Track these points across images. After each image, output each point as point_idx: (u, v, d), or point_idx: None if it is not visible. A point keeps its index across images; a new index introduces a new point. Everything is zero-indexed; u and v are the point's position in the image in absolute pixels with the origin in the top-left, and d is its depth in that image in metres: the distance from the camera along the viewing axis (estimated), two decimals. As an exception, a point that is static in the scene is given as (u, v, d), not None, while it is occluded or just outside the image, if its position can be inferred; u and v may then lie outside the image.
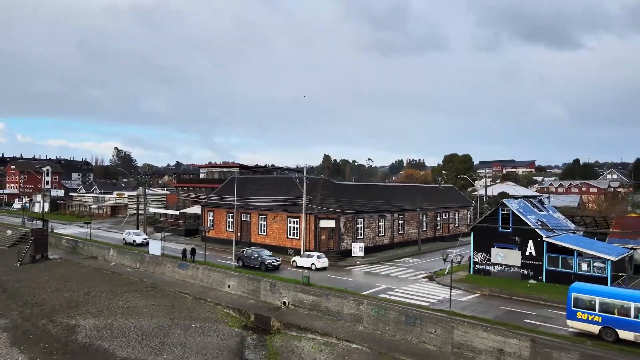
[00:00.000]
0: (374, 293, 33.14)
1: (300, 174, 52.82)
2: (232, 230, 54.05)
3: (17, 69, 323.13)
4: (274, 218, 51.33)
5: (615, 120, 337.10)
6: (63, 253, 56.37)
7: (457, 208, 67.41)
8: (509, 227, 37.43)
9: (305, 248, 46.34)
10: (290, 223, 49.69)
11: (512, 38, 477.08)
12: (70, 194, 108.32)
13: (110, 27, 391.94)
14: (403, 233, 56.24)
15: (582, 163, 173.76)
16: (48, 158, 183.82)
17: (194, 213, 66.63)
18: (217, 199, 59.02)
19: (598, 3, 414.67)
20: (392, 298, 31.73)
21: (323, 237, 47.63)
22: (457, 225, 64.21)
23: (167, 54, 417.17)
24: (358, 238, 49.37)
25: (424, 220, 59.51)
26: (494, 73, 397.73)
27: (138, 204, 69.46)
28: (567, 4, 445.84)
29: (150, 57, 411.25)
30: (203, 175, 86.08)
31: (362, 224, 50.14)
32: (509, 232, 37.47)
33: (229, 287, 37.66)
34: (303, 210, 46.52)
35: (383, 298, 31.61)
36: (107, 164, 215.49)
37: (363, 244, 48.38)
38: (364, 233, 50.30)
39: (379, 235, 52.66)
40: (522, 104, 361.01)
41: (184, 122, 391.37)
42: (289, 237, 49.65)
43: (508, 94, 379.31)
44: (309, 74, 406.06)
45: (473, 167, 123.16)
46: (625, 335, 22.78)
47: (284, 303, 33.22)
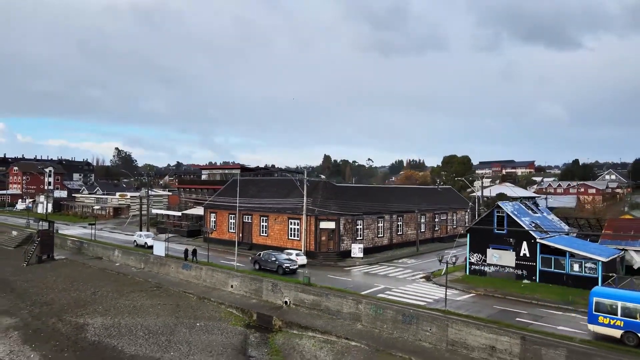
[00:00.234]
0: (373, 293, 34.21)
1: (301, 176, 53.93)
2: (234, 232, 55.21)
3: (17, 69, 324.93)
4: (275, 219, 52.43)
5: (615, 120, 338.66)
6: (68, 254, 57.47)
7: (455, 209, 68.48)
8: (504, 228, 38.54)
9: (306, 249, 47.45)
10: (291, 224, 50.78)
11: (512, 38, 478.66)
12: (73, 195, 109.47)
13: (110, 27, 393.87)
14: (402, 234, 57.33)
15: (581, 164, 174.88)
16: (49, 159, 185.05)
17: (196, 214, 67.73)
18: (219, 201, 60.11)
19: (598, 3, 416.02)
20: (390, 298, 32.80)
21: (323, 238, 48.72)
22: (455, 227, 65.29)
23: (167, 54, 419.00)
24: (357, 239, 50.47)
25: (422, 222, 60.60)
26: (494, 73, 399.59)
27: (141, 206, 70.53)
28: (567, 4, 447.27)
29: (150, 57, 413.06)
30: (205, 177, 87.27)
31: (361, 225, 51.23)
32: (504, 233, 38.57)
33: (232, 287, 38.76)
34: (304, 212, 47.62)
35: (381, 298, 32.68)
36: (107, 164, 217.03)
37: (362, 245, 49.47)
38: (363, 234, 51.40)
39: (378, 237, 53.76)
40: (522, 104, 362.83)
41: (184, 122, 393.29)
42: (290, 238, 50.74)
43: (508, 94, 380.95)
44: (309, 74, 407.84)
45: (472, 168, 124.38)
46: None
47: (286, 302, 34.31)
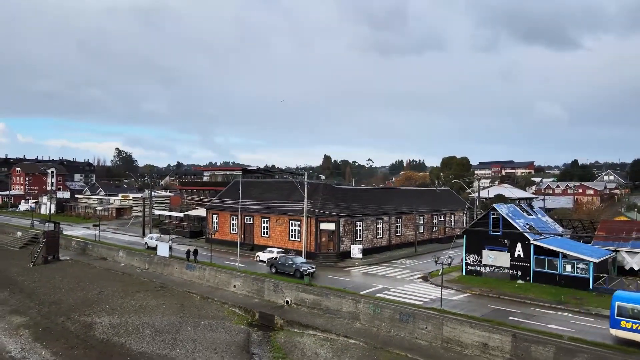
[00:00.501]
0: (372, 292, 35.28)
1: (302, 178, 55.02)
2: (236, 233, 56.30)
3: (17, 69, 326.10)
4: (277, 221, 53.51)
5: (615, 121, 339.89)
6: (73, 254, 58.60)
7: (453, 210, 69.53)
8: (499, 230, 39.62)
9: (307, 250, 48.54)
10: (292, 226, 51.87)
11: (511, 38, 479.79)
12: (76, 196, 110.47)
13: (110, 27, 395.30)
14: (400, 235, 58.41)
15: (580, 164, 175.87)
16: (51, 159, 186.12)
17: (198, 215, 68.77)
18: (221, 202, 61.20)
19: (597, 3, 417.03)
20: (388, 297, 33.85)
21: (323, 239, 49.81)
22: (453, 228, 66.34)
23: (167, 54, 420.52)
24: (357, 240, 51.55)
25: (421, 223, 61.67)
26: (494, 73, 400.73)
27: (144, 207, 71.60)
28: (566, 5, 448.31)
29: (150, 57, 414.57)
30: (206, 178, 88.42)
31: (360, 227, 52.32)
32: (499, 235, 39.65)
33: (235, 287, 39.87)
34: (304, 214, 48.70)
35: (380, 297, 33.74)
36: (108, 165, 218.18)
37: (362, 246, 50.56)
38: (363, 235, 52.48)
39: (377, 237, 54.85)
40: (521, 104, 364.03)
41: (184, 122, 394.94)
42: (291, 239, 51.82)
43: (508, 94, 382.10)
44: (309, 74, 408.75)
45: (471, 169, 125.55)
46: None
47: (287, 302, 35.41)
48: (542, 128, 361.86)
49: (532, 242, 37.77)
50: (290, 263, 41.37)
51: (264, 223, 54.98)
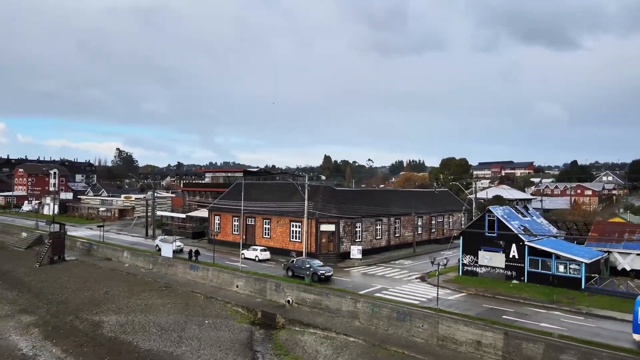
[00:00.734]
0: (370, 292, 36.36)
1: (302, 181, 56.12)
2: (237, 234, 57.41)
3: (17, 69, 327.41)
4: (278, 222, 54.61)
5: (615, 121, 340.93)
6: (78, 255, 59.71)
7: (451, 211, 70.58)
8: (495, 232, 40.71)
9: (307, 251, 49.63)
10: (293, 227, 52.97)
11: (511, 38, 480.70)
12: (79, 197, 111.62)
13: (110, 27, 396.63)
14: (399, 236, 59.50)
15: (580, 165, 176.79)
16: (52, 160, 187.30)
17: (200, 216, 69.85)
18: (223, 204, 62.31)
19: (597, 4, 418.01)
20: (386, 297, 34.91)
21: (323, 240, 50.91)
22: (451, 229, 67.42)
23: (167, 54, 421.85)
24: (356, 241, 52.65)
25: (419, 224, 62.75)
26: (494, 73, 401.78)
27: (147, 208, 72.69)
28: (566, 5, 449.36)
29: (150, 57, 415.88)
30: (208, 179, 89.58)
31: (360, 228, 53.42)
32: (495, 236, 40.73)
33: (237, 286, 40.97)
34: (305, 215, 49.80)
35: (378, 297, 34.81)
36: (109, 165, 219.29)
37: (361, 247, 51.62)
38: (362, 236, 53.58)
39: (376, 238, 55.94)
40: (521, 104, 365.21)
41: (184, 122, 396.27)
42: (292, 240, 52.92)
43: (507, 94, 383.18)
44: (309, 74, 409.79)
45: (470, 170, 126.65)
46: None
47: (288, 301, 36.52)
48: (542, 128, 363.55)
49: (526, 243, 38.85)
50: (307, 266, 40.95)
51: (265, 224, 56.06)
